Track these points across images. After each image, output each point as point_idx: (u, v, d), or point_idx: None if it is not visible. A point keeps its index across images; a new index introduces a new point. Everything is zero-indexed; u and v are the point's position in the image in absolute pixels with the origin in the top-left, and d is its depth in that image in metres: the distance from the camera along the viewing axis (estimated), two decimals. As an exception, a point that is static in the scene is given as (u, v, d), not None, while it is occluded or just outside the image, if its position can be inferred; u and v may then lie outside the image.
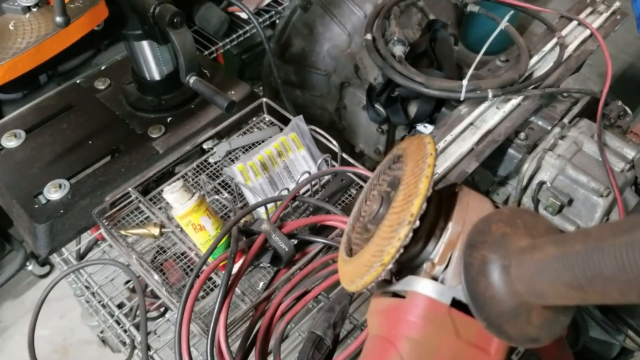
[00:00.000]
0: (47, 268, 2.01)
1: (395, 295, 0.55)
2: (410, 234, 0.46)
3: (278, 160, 1.17)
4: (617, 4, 1.52)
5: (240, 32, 1.69)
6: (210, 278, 1.05)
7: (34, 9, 1.02)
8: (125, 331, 1.16)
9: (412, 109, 1.46)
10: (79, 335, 1.85)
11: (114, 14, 1.09)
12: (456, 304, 0.49)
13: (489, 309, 0.45)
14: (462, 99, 1.25)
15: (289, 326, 0.99)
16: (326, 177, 1.16)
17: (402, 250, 0.46)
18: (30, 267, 1.96)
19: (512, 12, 1.30)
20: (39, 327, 1.10)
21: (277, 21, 1.68)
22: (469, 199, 0.53)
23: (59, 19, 0.93)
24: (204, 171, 1.21)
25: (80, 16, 1.00)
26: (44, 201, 1.15)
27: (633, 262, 0.33)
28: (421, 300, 0.50)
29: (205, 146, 1.25)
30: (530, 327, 0.46)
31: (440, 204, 0.53)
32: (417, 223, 0.46)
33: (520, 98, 1.29)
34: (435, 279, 0.51)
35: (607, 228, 0.37)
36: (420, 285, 0.51)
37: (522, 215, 0.49)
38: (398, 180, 0.53)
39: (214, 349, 0.88)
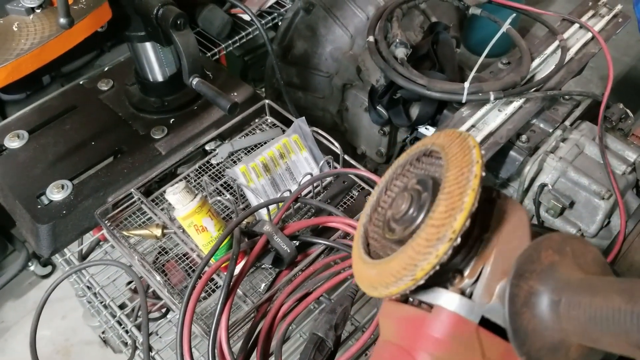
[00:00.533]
0: (49, 268, 2.01)
1: (406, 298, 0.52)
2: (450, 252, 0.43)
3: (280, 162, 1.17)
4: (619, 7, 1.52)
5: (243, 33, 1.70)
6: (212, 279, 1.05)
7: (38, 10, 1.02)
8: (126, 332, 1.16)
9: (414, 111, 1.46)
10: (81, 336, 1.85)
11: (118, 16, 1.09)
12: (483, 320, 0.47)
13: (530, 342, 0.43)
14: (463, 101, 1.25)
15: (290, 327, 0.99)
16: (328, 179, 1.17)
17: (438, 268, 0.44)
18: (32, 268, 1.96)
19: (514, 14, 1.30)
20: (40, 328, 1.11)
21: (280, 23, 1.68)
22: (506, 208, 0.49)
23: (62, 21, 0.93)
24: (207, 172, 1.22)
25: (83, 17, 1.00)
26: (46, 202, 1.15)
27: None
28: (448, 317, 0.47)
29: (207, 147, 1.25)
30: None
31: (476, 211, 0.48)
32: (459, 240, 0.43)
33: (522, 100, 1.29)
34: (462, 292, 0.48)
35: None
36: (449, 301, 0.47)
37: (572, 242, 0.46)
38: (432, 180, 0.49)
39: (216, 350, 0.88)
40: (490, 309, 0.47)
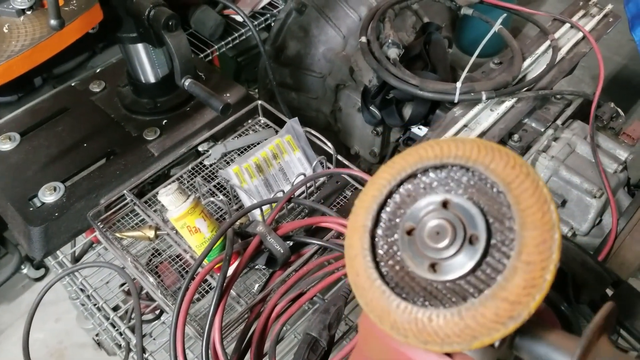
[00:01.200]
0: (42, 271, 2.00)
1: None
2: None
3: (273, 163, 1.17)
4: (610, 6, 1.53)
5: (236, 34, 1.70)
6: (206, 280, 1.05)
7: (29, 12, 1.02)
8: (120, 334, 1.16)
9: (407, 111, 1.46)
10: (75, 339, 1.85)
11: (109, 17, 1.09)
12: None
13: None
14: (456, 101, 1.26)
15: (284, 328, 0.99)
16: (321, 179, 1.17)
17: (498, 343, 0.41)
18: (25, 270, 1.95)
19: (505, 14, 1.31)
20: (34, 331, 1.10)
21: (272, 24, 1.68)
22: None
23: (53, 22, 0.93)
24: (200, 173, 1.22)
25: (74, 19, 1.00)
26: (38, 204, 1.15)
27: None
28: None
29: (200, 148, 1.25)
30: None
31: None
32: None
33: (513, 100, 1.30)
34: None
35: None
36: (475, 351, 0.44)
37: (612, 314, 0.43)
38: (482, 215, 0.42)
39: (209, 352, 0.88)
40: (501, 351, 0.45)
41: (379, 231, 0.46)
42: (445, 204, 0.43)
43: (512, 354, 0.47)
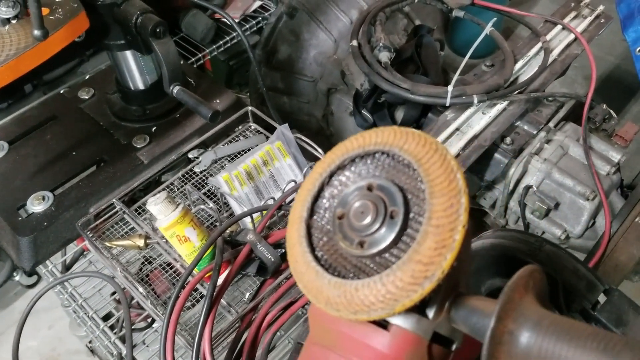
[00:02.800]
0: (34, 278, 1.99)
1: None
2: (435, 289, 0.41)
3: (264, 169, 1.16)
4: (601, 7, 1.52)
5: (227, 38, 1.69)
6: (196, 289, 1.04)
7: (14, 21, 1.00)
8: (112, 343, 1.15)
9: (399, 115, 1.45)
10: (68, 346, 1.83)
11: (96, 25, 1.08)
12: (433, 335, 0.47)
13: None
14: (447, 104, 1.25)
15: (276, 336, 0.98)
16: (312, 186, 1.16)
17: (418, 303, 0.42)
18: (17, 278, 1.94)
19: (496, 17, 1.30)
20: (27, 338, 1.09)
21: (264, 27, 1.67)
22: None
23: (36, 32, 0.92)
24: (190, 180, 1.21)
25: (59, 28, 0.99)
26: (27, 214, 1.14)
27: None
28: (406, 338, 0.46)
29: (190, 155, 1.24)
30: None
31: None
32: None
33: (505, 103, 1.29)
34: (416, 307, 0.46)
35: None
36: (408, 321, 0.46)
37: (534, 275, 0.45)
38: (400, 192, 0.45)
39: (200, 362, 0.88)
40: (440, 324, 0.47)
41: (315, 220, 0.49)
42: (370, 188, 0.47)
43: (454, 330, 0.48)
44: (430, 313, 0.46)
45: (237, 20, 1.71)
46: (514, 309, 0.43)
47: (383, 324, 0.47)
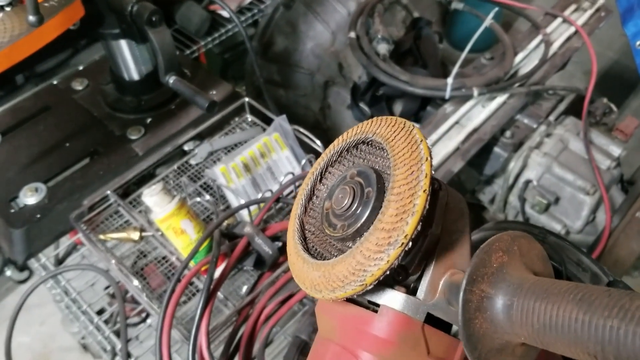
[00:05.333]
0: (26, 273, 1.96)
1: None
2: (401, 257, 0.42)
3: (261, 161, 1.14)
4: (601, 0, 1.51)
5: (222, 30, 1.66)
6: (192, 283, 1.02)
7: (8, 9, 0.98)
8: (105, 338, 1.13)
9: (397, 108, 1.44)
10: (60, 342, 1.81)
11: (91, 13, 1.06)
12: (427, 316, 0.46)
13: (481, 346, 0.43)
14: (447, 97, 1.24)
15: (274, 330, 0.97)
16: (310, 178, 1.14)
17: (388, 272, 0.42)
18: (8, 273, 1.91)
19: (496, 9, 1.29)
20: (19, 334, 1.07)
21: (260, 19, 1.65)
22: (447, 200, 0.48)
23: (31, 18, 0.90)
24: (185, 173, 1.19)
25: (54, 15, 0.97)
26: (20, 206, 1.12)
27: None
28: (395, 318, 0.46)
29: (186, 147, 1.22)
30: (513, 359, 0.44)
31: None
32: (410, 244, 0.42)
33: (505, 96, 1.28)
34: (407, 288, 0.47)
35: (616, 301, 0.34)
36: (395, 300, 0.46)
37: (519, 241, 0.45)
38: (375, 173, 0.47)
39: (196, 356, 0.86)
40: (434, 305, 0.46)
41: (309, 216, 0.52)
42: (351, 176, 0.49)
43: (456, 314, 0.47)
44: (421, 293, 0.46)
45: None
46: (493, 273, 0.43)
47: (375, 309, 0.47)
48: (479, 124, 1.24)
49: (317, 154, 1.14)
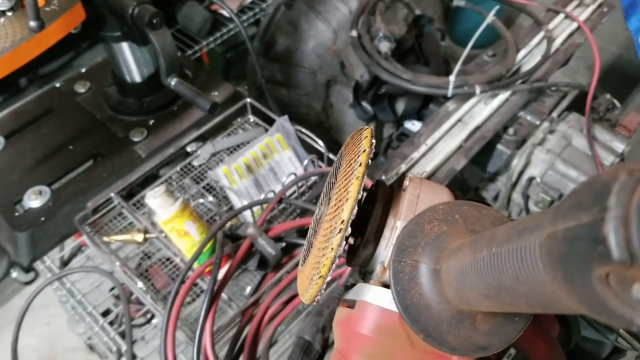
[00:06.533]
0: (32, 275, 1.97)
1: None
2: (344, 243, 0.42)
3: (263, 162, 1.14)
4: (604, -5, 1.51)
5: (224, 30, 1.66)
6: (196, 284, 1.03)
7: (9, 13, 0.98)
8: (111, 339, 1.14)
9: (400, 106, 1.44)
10: (66, 343, 1.82)
11: (92, 16, 1.06)
12: None
13: (425, 319, 0.41)
14: (449, 95, 1.24)
15: (277, 330, 0.97)
16: (313, 178, 1.14)
17: (337, 261, 0.43)
18: (14, 275, 1.92)
19: (498, 6, 1.28)
20: (25, 336, 1.08)
21: (261, 19, 1.65)
22: (419, 191, 0.48)
23: (32, 24, 0.90)
24: (188, 174, 1.19)
25: (55, 19, 0.97)
26: (24, 209, 1.12)
27: (523, 271, 0.29)
28: (371, 311, 0.46)
29: (189, 149, 1.22)
30: (477, 334, 0.41)
31: (390, 201, 0.49)
32: (349, 230, 0.42)
33: (508, 93, 1.27)
34: (386, 284, 0.46)
35: (510, 228, 0.32)
36: (370, 294, 0.46)
37: (461, 209, 0.44)
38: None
39: (201, 357, 0.86)
40: None
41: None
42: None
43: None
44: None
45: (234, 12, 1.68)
46: (428, 242, 0.43)
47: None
48: (482, 122, 1.24)
49: (320, 154, 1.14)
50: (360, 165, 0.43)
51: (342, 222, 0.42)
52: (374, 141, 0.45)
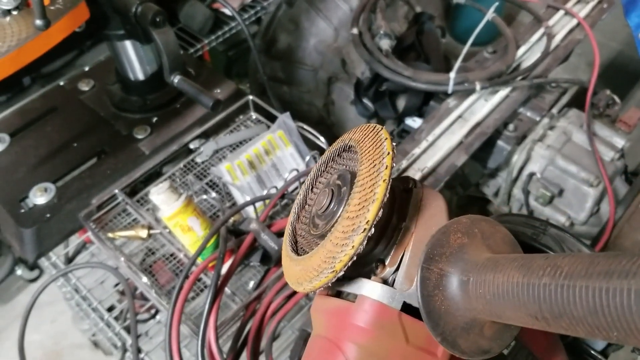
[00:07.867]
0: (36, 272, 1.99)
1: (339, 293, 0.53)
2: (365, 242, 0.44)
3: (266, 159, 1.16)
4: (603, -8, 1.51)
5: (226, 28, 1.67)
6: (200, 279, 1.04)
7: (15, 12, 1.00)
8: (116, 334, 1.15)
9: (401, 103, 1.45)
10: (71, 339, 1.83)
11: (96, 15, 1.07)
12: (405, 307, 0.48)
13: (444, 323, 0.44)
14: (450, 91, 1.25)
15: (280, 324, 0.98)
16: (315, 174, 1.15)
17: (355, 258, 0.44)
18: (19, 272, 1.94)
19: (498, 2, 1.29)
20: (30, 333, 1.09)
21: (263, 17, 1.66)
22: (423, 196, 0.51)
23: (38, 22, 0.91)
24: (192, 171, 1.20)
25: (60, 18, 0.98)
26: (29, 205, 1.13)
27: (607, 309, 0.32)
28: (371, 306, 0.48)
29: (192, 146, 1.23)
30: (483, 339, 0.45)
31: (393, 201, 0.51)
32: (372, 230, 0.44)
33: (508, 89, 1.28)
34: (385, 280, 0.49)
35: (580, 265, 0.35)
36: (371, 290, 0.49)
37: (480, 224, 0.47)
38: (350, 174, 0.50)
39: (205, 350, 0.87)
40: (411, 294, 0.48)
41: (301, 222, 0.56)
42: (333, 181, 0.52)
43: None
44: (398, 284, 0.49)
45: (236, 10, 1.69)
46: (452, 253, 0.45)
47: (354, 299, 0.50)
48: (482, 118, 1.24)
49: (321, 151, 1.15)
50: (386, 168, 0.45)
51: (367, 222, 0.44)
52: (394, 144, 0.47)
